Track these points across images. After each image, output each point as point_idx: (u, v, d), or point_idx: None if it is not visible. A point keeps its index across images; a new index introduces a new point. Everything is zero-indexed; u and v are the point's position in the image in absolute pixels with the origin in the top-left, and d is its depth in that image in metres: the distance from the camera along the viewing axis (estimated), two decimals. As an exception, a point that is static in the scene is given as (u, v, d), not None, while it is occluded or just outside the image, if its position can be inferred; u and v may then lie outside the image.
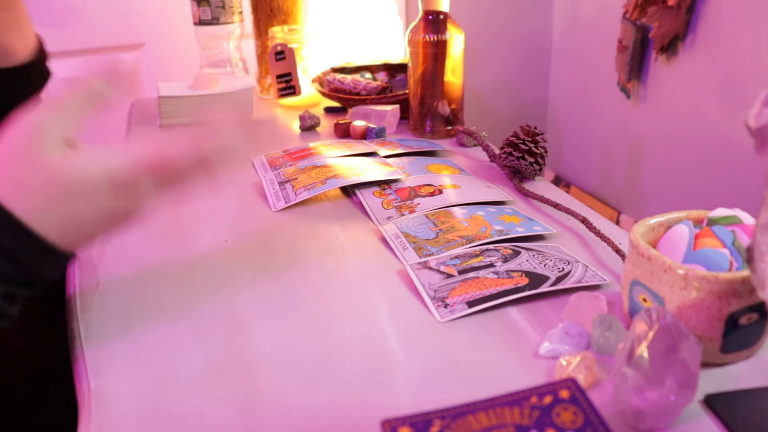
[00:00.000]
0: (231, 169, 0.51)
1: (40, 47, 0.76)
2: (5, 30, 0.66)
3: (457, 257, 0.62)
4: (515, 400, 0.38)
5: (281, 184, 0.82)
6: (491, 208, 0.73)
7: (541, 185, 0.84)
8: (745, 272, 0.45)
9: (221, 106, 1.13)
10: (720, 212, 0.51)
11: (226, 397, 0.47)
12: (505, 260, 0.61)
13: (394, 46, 1.43)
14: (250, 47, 1.31)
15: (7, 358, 0.72)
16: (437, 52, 0.96)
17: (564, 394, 0.39)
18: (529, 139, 0.84)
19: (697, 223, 0.52)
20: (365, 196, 0.78)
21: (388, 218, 0.73)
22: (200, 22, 1.22)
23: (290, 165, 0.87)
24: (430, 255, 0.64)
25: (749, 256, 0.38)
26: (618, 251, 0.64)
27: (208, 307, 0.58)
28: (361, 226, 0.73)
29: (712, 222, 0.51)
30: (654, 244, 0.52)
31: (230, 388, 0.48)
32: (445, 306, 0.56)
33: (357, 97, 1.11)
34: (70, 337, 0.55)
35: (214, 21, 1.21)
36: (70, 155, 0.47)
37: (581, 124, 1.55)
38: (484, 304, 0.55)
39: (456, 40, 0.97)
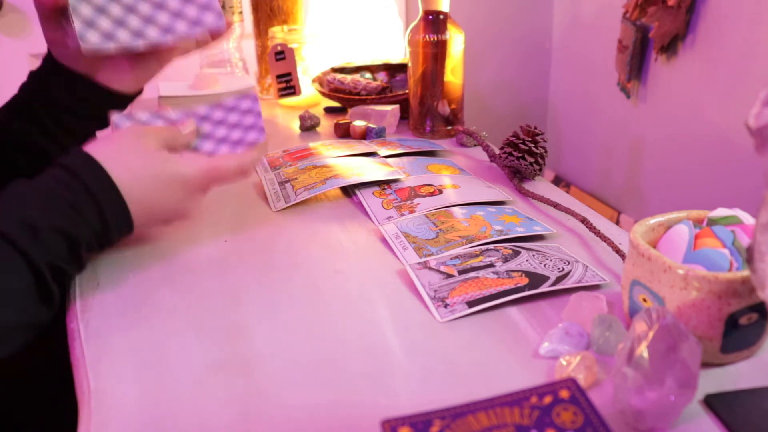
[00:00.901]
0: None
1: None
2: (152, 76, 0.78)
3: (457, 257, 0.62)
4: (515, 400, 0.38)
5: (281, 184, 0.82)
6: (491, 208, 0.73)
7: (541, 185, 0.84)
8: (745, 272, 0.45)
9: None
10: (720, 212, 0.51)
11: (226, 397, 0.47)
12: (505, 260, 0.61)
13: (394, 46, 1.43)
14: (250, 47, 1.31)
15: (6, 359, 0.72)
16: (437, 52, 0.96)
17: (564, 394, 0.39)
18: (529, 139, 0.84)
19: (697, 223, 0.52)
20: (365, 196, 0.78)
21: (388, 218, 0.73)
22: (200, 22, 1.22)
23: (290, 165, 0.87)
24: (430, 255, 0.64)
25: (749, 256, 0.38)
26: (618, 251, 0.64)
27: (208, 307, 0.58)
28: (361, 226, 0.73)
29: (712, 222, 0.51)
30: (654, 244, 0.52)
31: (230, 387, 0.48)
32: (445, 306, 0.56)
33: (357, 97, 1.11)
34: (70, 337, 0.55)
35: (214, 21, 1.21)
36: (165, 153, 0.61)
37: (581, 124, 1.55)
38: (484, 304, 0.55)
39: (456, 40, 0.97)
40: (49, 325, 0.55)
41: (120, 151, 0.60)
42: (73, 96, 0.72)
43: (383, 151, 0.91)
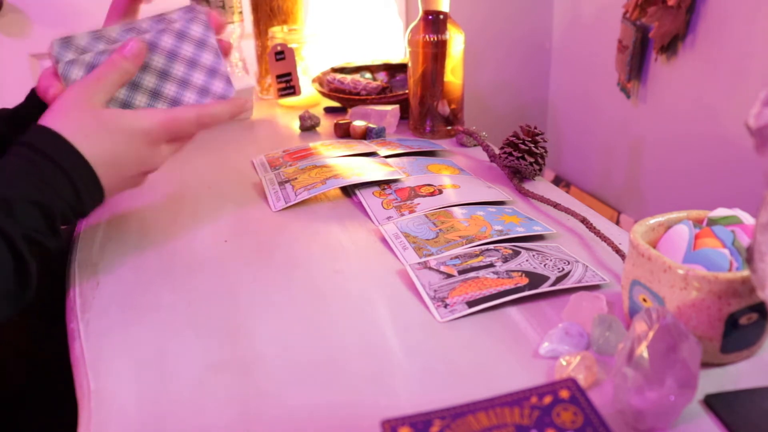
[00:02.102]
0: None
1: None
2: None
3: (457, 257, 0.62)
4: (515, 400, 0.38)
5: (281, 184, 0.82)
6: (491, 208, 0.73)
7: (541, 185, 0.84)
8: (745, 272, 0.45)
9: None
10: (720, 212, 0.51)
11: (226, 397, 0.47)
12: (505, 260, 0.61)
13: (394, 46, 1.43)
14: (250, 47, 1.31)
15: (7, 358, 0.72)
16: (437, 52, 0.96)
17: (564, 394, 0.39)
18: (529, 139, 0.84)
19: (697, 223, 0.52)
20: (365, 196, 0.78)
21: (388, 218, 0.73)
22: (200, 22, 1.22)
23: (290, 165, 0.87)
24: (430, 255, 0.64)
25: (749, 256, 0.38)
26: (618, 251, 0.64)
27: (208, 307, 0.58)
28: (361, 226, 0.73)
29: (712, 222, 0.51)
30: (654, 244, 0.52)
31: (230, 387, 0.48)
32: (445, 306, 0.56)
33: (357, 97, 1.11)
34: (70, 337, 0.55)
35: (214, 21, 1.21)
36: (118, 111, 0.62)
37: (581, 124, 1.55)
38: (484, 304, 0.55)
39: (456, 40, 0.97)
40: (29, 304, 0.54)
41: (76, 118, 0.59)
42: None
43: (383, 151, 0.91)
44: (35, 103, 0.71)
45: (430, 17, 0.96)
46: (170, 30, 0.66)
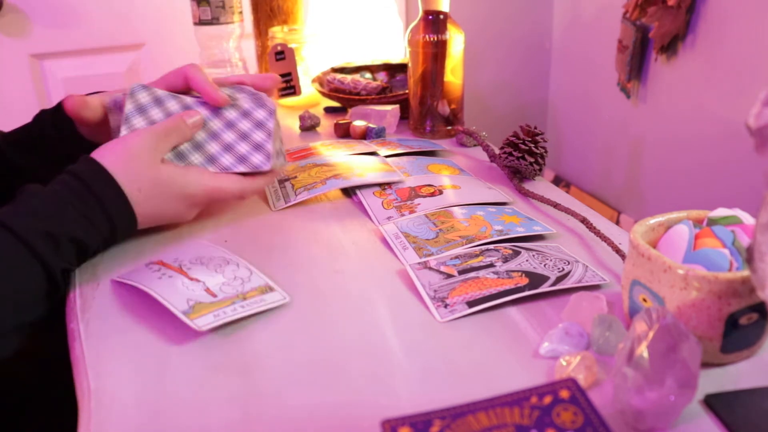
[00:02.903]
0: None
1: None
2: None
3: (457, 257, 0.62)
4: (515, 400, 0.38)
5: (281, 183, 0.82)
6: (491, 208, 0.73)
7: (541, 185, 0.84)
8: (745, 272, 0.45)
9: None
10: (720, 212, 0.51)
11: (226, 397, 0.47)
12: (505, 260, 0.61)
13: (394, 46, 1.43)
14: (250, 47, 1.31)
15: (7, 358, 0.72)
16: (437, 52, 0.96)
17: (564, 394, 0.39)
18: (529, 139, 0.84)
19: (697, 223, 0.52)
20: (365, 196, 0.78)
21: (388, 218, 0.73)
22: (200, 22, 1.22)
23: (290, 165, 0.87)
24: (430, 255, 0.64)
25: (749, 256, 0.38)
26: (618, 251, 0.64)
27: (208, 307, 0.58)
28: (361, 226, 0.73)
29: (712, 222, 0.51)
30: (654, 244, 0.52)
31: (230, 388, 0.48)
32: (445, 306, 0.56)
33: (357, 97, 1.11)
34: (70, 337, 0.55)
35: (214, 21, 1.21)
36: (172, 168, 0.66)
37: (581, 124, 1.55)
38: (484, 304, 0.55)
39: (456, 40, 0.97)
40: (49, 325, 0.57)
41: (130, 161, 0.63)
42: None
43: (383, 151, 0.91)
44: (46, 125, 0.74)
45: (430, 17, 0.96)
46: (237, 107, 0.72)
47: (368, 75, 1.22)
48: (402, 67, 1.22)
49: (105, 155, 0.63)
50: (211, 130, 0.71)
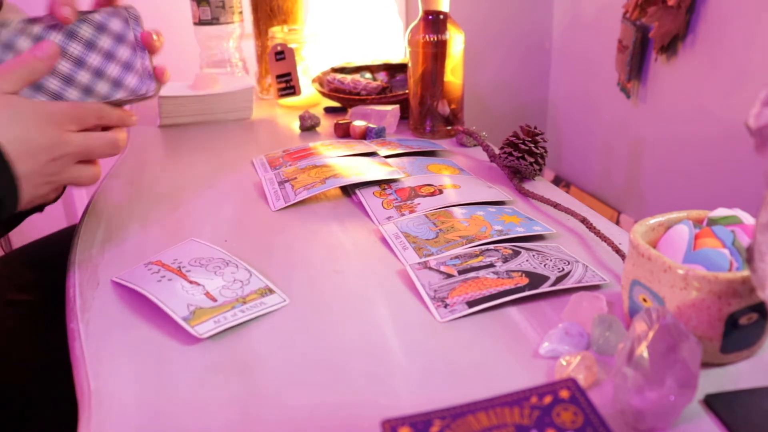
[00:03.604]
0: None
1: None
2: None
3: (457, 257, 0.62)
4: (515, 400, 0.38)
5: (281, 183, 0.82)
6: (491, 208, 0.73)
7: (541, 185, 0.84)
8: (745, 272, 0.45)
9: (221, 106, 1.13)
10: (720, 212, 0.51)
11: (226, 397, 0.47)
12: (505, 260, 0.61)
13: (394, 46, 1.43)
14: (250, 47, 1.31)
15: (7, 358, 0.72)
16: (437, 52, 0.96)
17: (564, 394, 0.39)
18: (529, 139, 0.84)
19: (697, 223, 0.52)
20: (365, 196, 0.78)
21: (388, 218, 0.73)
22: (200, 22, 1.22)
23: (290, 165, 0.87)
24: (430, 255, 0.64)
25: (749, 256, 0.38)
26: (618, 251, 0.64)
27: (208, 307, 0.58)
28: (361, 226, 0.73)
29: (712, 222, 0.51)
30: (654, 244, 0.52)
31: (230, 388, 0.48)
32: (445, 306, 0.56)
33: (357, 97, 1.11)
34: (70, 337, 0.55)
35: (214, 21, 1.21)
36: (22, 99, 0.60)
37: (581, 124, 1.55)
38: (484, 304, 0.55)
39: (456, 40, 0.97)
40: (49, 325, 0.55)
41: None
42: None
43: (383, 151, 0.91)
44: None
45: (430, 17, 0.96)
46: (90, 21, 0.65)
47: (368, 75, 1.22)
48: (402, 67, 1.22)
49: None
50: (73, 56, 0.64)
